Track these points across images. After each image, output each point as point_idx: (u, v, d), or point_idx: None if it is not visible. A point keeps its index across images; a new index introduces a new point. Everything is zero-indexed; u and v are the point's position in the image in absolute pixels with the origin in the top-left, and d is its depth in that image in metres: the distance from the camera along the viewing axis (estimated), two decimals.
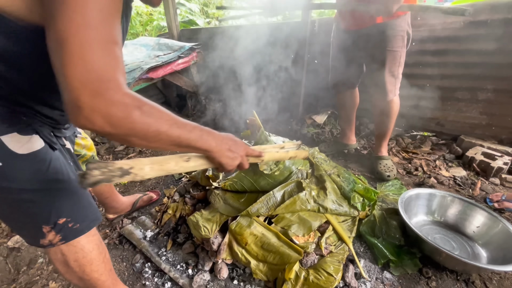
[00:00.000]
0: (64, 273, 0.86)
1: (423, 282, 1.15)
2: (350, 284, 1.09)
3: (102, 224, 1.61)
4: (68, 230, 0.76)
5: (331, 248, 1.14)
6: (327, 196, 1.24)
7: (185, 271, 1.21)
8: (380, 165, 1.81)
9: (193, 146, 0.63)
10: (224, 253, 1.13)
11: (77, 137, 1.10)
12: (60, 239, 0.76)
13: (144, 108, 0.52)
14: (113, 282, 0.98)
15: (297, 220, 1.16)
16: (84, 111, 0.46)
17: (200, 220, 1.18)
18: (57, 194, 0.72)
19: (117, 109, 0.48)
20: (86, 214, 0.81)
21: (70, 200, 0.76)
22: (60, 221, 0.73)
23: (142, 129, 0.52)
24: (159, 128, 0.55)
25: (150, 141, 0.56)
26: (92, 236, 0.86)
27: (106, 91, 0.47)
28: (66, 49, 0.44)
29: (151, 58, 2.54)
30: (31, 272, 1.33)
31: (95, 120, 0.47)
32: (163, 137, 0.56)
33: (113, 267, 1.30)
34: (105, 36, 0.47)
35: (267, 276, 1.09)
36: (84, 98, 0.45)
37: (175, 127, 0.58)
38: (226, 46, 2.79)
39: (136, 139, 0.54)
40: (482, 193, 1.65)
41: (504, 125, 1.95)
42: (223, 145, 0.69)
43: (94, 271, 0.88)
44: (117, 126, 0.50)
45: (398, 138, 2.32)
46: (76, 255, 0.83)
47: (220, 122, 2.83)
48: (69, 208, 0.75)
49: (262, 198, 1.18)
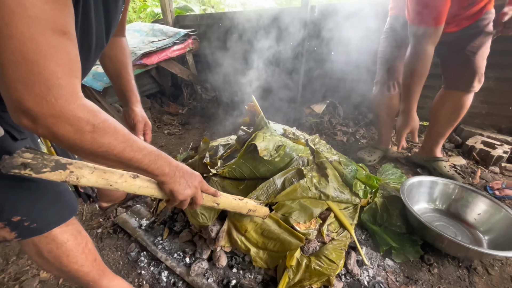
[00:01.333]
0: (41, 264, 0.80)
1: (425, 269, 1.14)
2: (352, 271, 1.06)
3: (95, 213, 1.55)
4: (24, 229, 0.67)
5: (333, 235, 1.11)
6: (329, 183, 1.20)
7: (182, 260, 1.17)
8: (444, 168, 1.67)
9: (145, 169, 0.57)
10: (223, 241, 1.09)
11: None
12: (16, 237, 0.67)
13: (98, 125, 0.46)
14: (99, 273, 0.91)
15: (298, 207, 1.13)
16: (28, 117, 0.41)
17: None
18: (13, 189, 0.62)
19: (66, 123, 0.42)
20: (47, 215, 0.70)
21: (29, 199, 0.66)
22: (14, 219, 0.64)
23: (90, 147, 0.47)
24: (111, 150, 0.49)
25: (97, 158, 0.50)
26: (67, 226, 0.77)
27: (56, 100, 0.40)
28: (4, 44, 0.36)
29: (145, 44, 2.45)
30: (20, 262, 1.28)
31: (38, 128, 0.42)
32: (113, 158, 0.51)
33: (107, 256, 1.26)
34: (50, 26, 0.39)
35: (267, 263, 1.06)
36: (29, 104, 0.39)
37: (128, 150, 0.52)
38: (222, 33, 2.71)
39: (81, 153, 0.49)
40: (482, 181, 1.64)
41: (504, 114, 1.94)
42: (177, 172, 0.64)
43: (72, 263, 0.81)
44: (63, 140, 0.44)
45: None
46: (49, 246, 0.75)
47: (216, 111, 2.77)
48: (26, 207, 0.66)
49: (262, 185, 1.14)
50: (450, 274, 1.12)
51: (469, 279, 1.10)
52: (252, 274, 1.09)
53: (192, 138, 2.38)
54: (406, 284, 1.07)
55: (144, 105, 3.01)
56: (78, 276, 0.85)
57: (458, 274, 1.12)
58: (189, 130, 2.54)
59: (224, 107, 2.76)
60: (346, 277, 1.07)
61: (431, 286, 1.07)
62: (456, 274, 1.12)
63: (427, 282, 1.09)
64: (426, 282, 1.09)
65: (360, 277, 1.07)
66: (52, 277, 1.19)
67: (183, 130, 2.55)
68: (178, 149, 2.21)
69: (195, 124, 2.64)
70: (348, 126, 2.42)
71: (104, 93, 2.33)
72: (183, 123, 2.69)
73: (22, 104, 0.39)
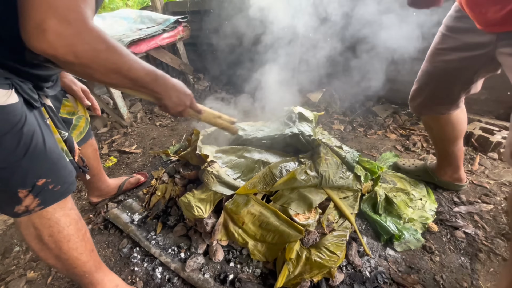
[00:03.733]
0: (38, 250, 0.77)
1: (427, 258, 1.11)
2: (354, 262, 1.03)
3: (85, 209, 1.49)
4: (49, 193, 0.69)
5: (333, 225, 1.08)
6: (328, 168, 1.15)
7: (177, 255, 1.12)
8: None
9: (147, 87, 0.66)
10: (219, 234, 1.04)
11: (67, 98, 1.04)
12: (39, 204, 0.68)
13: (109, 43, 0.52)
14: (95, 265, 0.89)
15: (297, 197, 1.08)
16: (49, 36, 0.45)
17: (193, 200, 1.09)
18: (33, 153, 0.64)
19: (84, 39, 0.48)
20: (65, 176, 0.73)
21: (49, 160, 0.68)
22: (39, 182, 0.66)
23: (104, 63, 0.53)
24: (120, 66, 0.56)
25: (108, 77, 0.57)
26: (69, 210, 0.78)
27: (74, 21, 0.47)
28: None
29: (132, 31, 2.32)
30: (6, 261, 1.21)
31: (59, 47, 0.47)
32: (122, 74, 0.58)
33: (99, 253, 1.20)
34: None
35: (266, 256, 1.02)
36: (51, 22, 0.45)
37: (134, 68, 0.59)
38: (215, 19, 2.60)
39: (95, 72, 0.54)
40: (481, 167, 1.62)
41: (502, 99, 1.91)
42: (172, 92, 0.72)
43: (72, 249, 0.79)
44: (81, 57, 0.49)
45: (394, 115, 2.25)
46: (51, 229, 0.74)
47: (210, 103, 2.68)
48: (48, 169, 0.68)
49: (258, 174, 1.09)
50: (452, 262, 1.10)
51: (471, 267, 1.08)
52: (250, 268, 1.05)
53: (185, 129, 2.30)
54: (408, 273, 1.05)
55: (133, 96, 2.90)
56: (75, 266, 0.82)
57: (460, 262, 1.10)
58: (181, 121, 2.45)
59: (218, 98, 2.68)
60: (348, 269, 1.04)
61: (433, 274, 1.05)
62: (458, 262, 1.10)
63: (429, 271, 1.06)
64: (428, 271, 1.06)
65: (361, 268, 1.04)
66: (40, 277, 1.13)
67: (175, 121, 2.46)
68: (171, 140, 2.14)
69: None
70: (345, 114, 2.37)
71: (92, 85, 2.23)
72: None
73: (47, 24, 0.45)
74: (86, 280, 0.88)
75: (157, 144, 2.11)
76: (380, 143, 1.95)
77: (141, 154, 1.98)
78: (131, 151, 2.01)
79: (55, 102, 0.96)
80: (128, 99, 2.80)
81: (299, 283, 0.95)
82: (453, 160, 1.33)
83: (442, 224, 1.25)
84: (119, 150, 2.03)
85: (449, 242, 1.18)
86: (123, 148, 2.04)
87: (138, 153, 1.99)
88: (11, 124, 0.59)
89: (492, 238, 1.18)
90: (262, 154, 1.24)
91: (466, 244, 1.16)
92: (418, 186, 1.43)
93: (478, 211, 1.31)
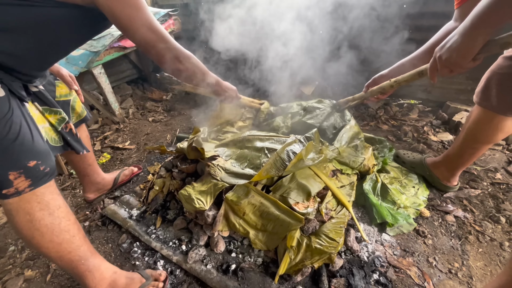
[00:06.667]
0: (31, 238, 0.77)
1: (420, 241, 1.16)
2: (352, 247, 1.07)
3: (81, 206, 1.47)
4: (39, 173, 0.75)
5: (332, 213, 1.10)
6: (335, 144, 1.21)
7: (178, 248, 1.13)
8: None
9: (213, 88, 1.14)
10: (220, 225, 1.05)
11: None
12: (30, 184, 0.73)
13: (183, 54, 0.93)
14: (90, 250, 0.90)
15: (295, 187, 1.10)
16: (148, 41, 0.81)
17: (193, 193, 1.09)
18: (24, 138, 0.71)
19: (168, 51, 0.85)
20: (52, 160, 0.80)
21: (37, 145, 0.75)
22: (30, 164, 0.72)
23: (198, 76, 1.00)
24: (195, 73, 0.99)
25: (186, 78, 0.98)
26: (57, 195, 0.82)
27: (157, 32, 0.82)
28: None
29: None
30: (2, 261, 1.19)
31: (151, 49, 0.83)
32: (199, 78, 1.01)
33: (98, 250, 1.19)
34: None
35: (267, 245, 1.04)
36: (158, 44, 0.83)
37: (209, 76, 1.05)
38: (206, 11, 2.56)
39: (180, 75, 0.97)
40: None
41: None
42: (227, 89, 1.20)
43: (64, 231, 0.81)
44: (164, 62, 0.87)
45: (386, 106, 2.30)
46: (42, 212, 0.77)
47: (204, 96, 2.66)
48: (36, 154, 0.74)
49: (269, 161, 1.08)
50: (443, 244, 1.15)
51: (461, 248, 1.13)
52: (252, 257, 1.07)
53: (179, 124, 2.28)
54: (403, 257, 1.10)
55: (125, 92, 2.84)
56: (70, 250, 0.83)
57: (451, 244, 1.15)
58: (175, 116, 2.43)
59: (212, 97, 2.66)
60: (346, 254, 1.07)
61: (426, 257, 1.10)
62: (449, 244, 1.15)
63: (423, 253, 1.11)
64: (422, 253, 1.11)
65: (359, 253, 1.08)
66: (39, 275, 1.12)
67: (169, 116, 2.43)
68: (165, 136, 2.12)
69: (181, 110, 2.53)
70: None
71: (81, 80, 2.16)
72: (168, 110, 2.57)
73: (155, 47, 0.82)
74: (83, 267, 0.87)
75: (151, 139, 2.08)
76: (373, 134, 1.99)
77: (135, 150, 1.95)
78: (124, 147, 1.98)
79: (49, 87, 1.04)
80: (119, 95, 2.74)
81: (301, 270, 0.98)
82: (464, 160, 1.28)
83: (434, 210, 1.31)
84: (112, 146, 2.00)
85: (440, 226, 1.23)
86: (116, 144, 2.01)
87: (132, 149, 1.96)
88: (2, 113, 0.67)
89: (480, 221, 1.24)
90: (264, 142, 1.25)
91: (456, 227, 1.22)
92: (411, 175, 1.48)
93: (467, 196, 1.37)
